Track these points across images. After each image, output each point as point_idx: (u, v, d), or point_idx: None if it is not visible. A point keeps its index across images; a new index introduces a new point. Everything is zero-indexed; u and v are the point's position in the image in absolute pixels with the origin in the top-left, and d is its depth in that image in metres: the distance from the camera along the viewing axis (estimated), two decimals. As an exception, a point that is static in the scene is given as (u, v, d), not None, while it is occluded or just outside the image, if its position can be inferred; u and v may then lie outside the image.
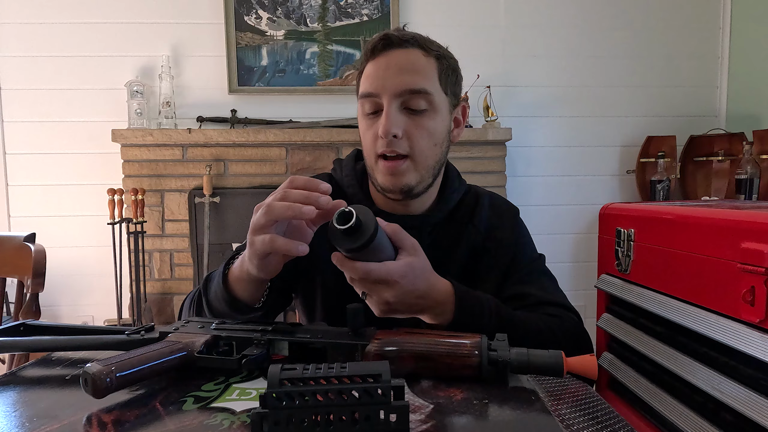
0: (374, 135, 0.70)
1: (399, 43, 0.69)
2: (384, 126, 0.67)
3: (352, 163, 0.81)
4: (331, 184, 0.79)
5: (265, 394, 0.36)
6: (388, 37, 0.70)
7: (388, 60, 0.69)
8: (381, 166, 0.70)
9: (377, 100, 0.69)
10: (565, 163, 2.37)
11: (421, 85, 0.68)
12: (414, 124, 0.69)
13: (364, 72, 0.72)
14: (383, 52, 0.70)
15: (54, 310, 2.20)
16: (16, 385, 0.50)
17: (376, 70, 0.69)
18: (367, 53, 0.71)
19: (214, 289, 0.63)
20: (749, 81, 2.26)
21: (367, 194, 0.78)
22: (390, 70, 0.68)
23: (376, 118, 0.70)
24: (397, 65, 0.68)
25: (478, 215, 0.80)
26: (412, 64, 0.69)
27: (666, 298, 1.06)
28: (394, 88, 0.68)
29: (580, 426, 0.40)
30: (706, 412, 0.93)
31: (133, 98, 2.08)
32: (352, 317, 0.52)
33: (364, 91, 0.71)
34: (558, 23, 2.30)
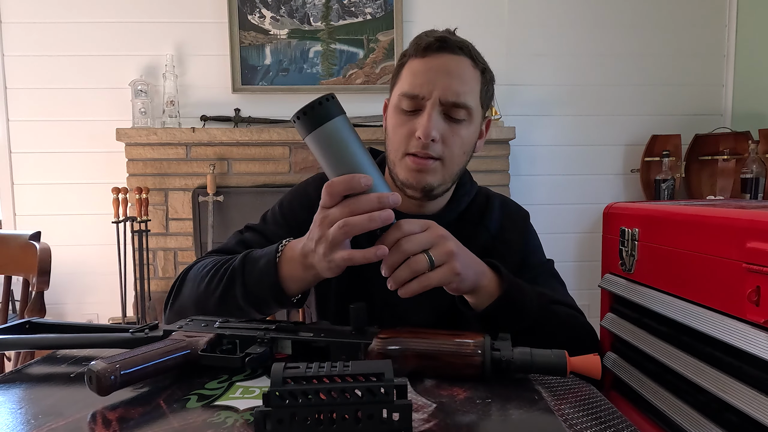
0: (408, 132, 0.69)
1: (453, 48, 0.69)
2: (425, 128, 0.66)
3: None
4: None
5: (268, 393, 0.36)
6: (445, 40, 0.69)
7: (439, 63, 0.68)
8: (409, 162, 0.70)
9: (421, 101, 0.68)
10: (569, 162, 2.36)
11: (465, 99, 0.69)
12: (451, 130, 0.69)
13: (410, 67, 0.70)
14: (436, 53, 0.68)
15: (59, 308, 2.22)
16: (22, 382, 0.50)
17: (427, 71, 0.68)
18: (417, 49, 0.70)
19: (258, 275, 0.61)
20: (755, 79, 2.25)
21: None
22: (441, 75, 0.68)
23: (413, 116, 0.69)
24: (447, 71, 0.68)
25: (488, 216, 0.80)
26: (462, 73, 0.69)
27: (670, 297, 1.05)
28: (442, 95, 0.67)
29: (583, 426, 0.40)
30: (710, 413, 0.93)
31: (138, 97, 2.09)
32: (355, 316, 0.52)
33: (408, 91, 0.69)
34: (562, 22, 2.29)
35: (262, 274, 0.61)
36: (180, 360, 0.49)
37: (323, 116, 0.51)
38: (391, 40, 2.21)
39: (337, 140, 0.52)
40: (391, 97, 0.76)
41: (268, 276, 0.60)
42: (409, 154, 0.70)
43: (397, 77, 0.73)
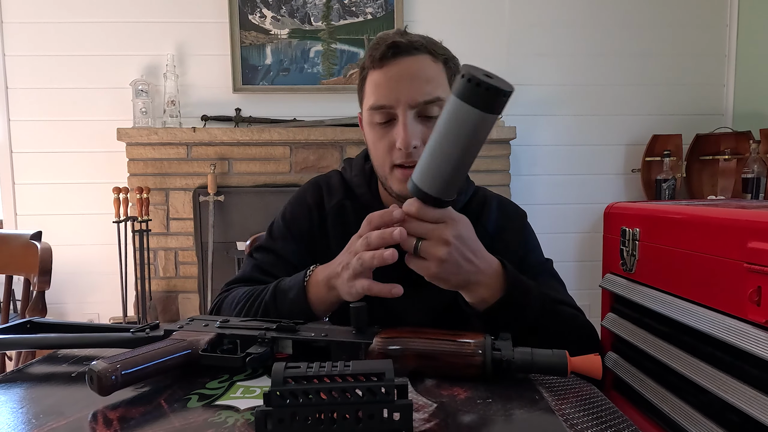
0: (389, 145, 0.68)
1: (408, 50, 0.67)
2: (404, 139, 0.66)
3: (362, 163, 0.81)
4: (341, 185, 0.79)
5: (269, 392, 0.36)
6: (397, 45, 0.67)
7: (398, 69, 0.67)
8: (398, 175, 0.69)
9: (390, 111, 0.67)
10: (569, 162, 2.36)
11: (435, 94, 0.67)
12: (429, 131, 0.68)
13: (372, 80, 0.69)
14: (392, 60, 0.67)
15: (60, 308, 2.22)
16: (23, 382, 0.51)
17: (387, 81, 0.67)
18: (374, 60, 0.68)
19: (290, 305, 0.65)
20: (756, 79, 2.24)
21: (375, 195, 0.79)
22: (403, 81, 0.66)
23: (389, 127, 0.68)
24: (409, 75, 0.67)
25: (486, 216, 0.79)
26: (424, 72, 0.67)
27: (671, 297, 1.05)
28: (410, 100, 0.66)
29: (584, 426, 0.40)
30: (711, 413, 0.92)
31: (138, 97, 2.09)
32: (356, 315, 0.52)
33: (375, 104, 0.68)
34: (563, 21, 2.29)
35: (293, 304, 0.65)
36: (181, 360, 0.49)
37: (495, 107, 0.48)
38: (391, 40, 2.21)
39: (479, 134, 0.50)
40: (362, 111, 0.74)
41: (299, 305, 0.64)
42: (396, 165, 0.69)
43: (362, 92, 0.72)
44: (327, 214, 0.79)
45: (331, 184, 0.81)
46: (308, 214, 0.80)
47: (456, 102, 0.49)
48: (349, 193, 0.80)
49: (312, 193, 0.81)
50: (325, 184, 0.81)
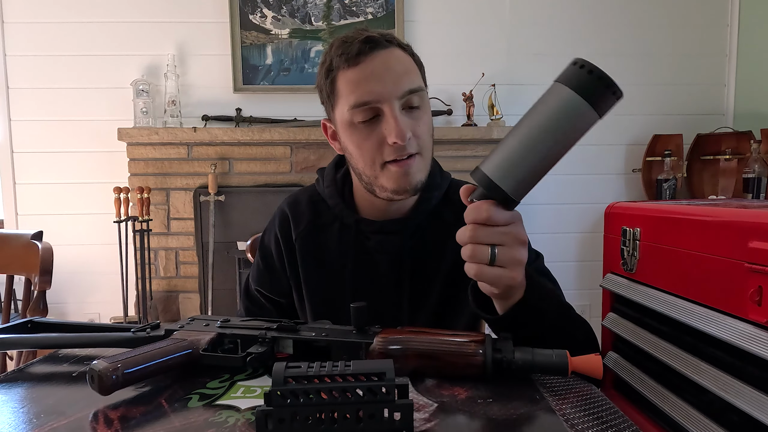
0: (377, 143, 0.66)
1: (382, 44, 0.66)
2: (397, 132, 0.64)
3: (333, 173, 0.79)
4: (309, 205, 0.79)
5: (269, 392, 0.36)
6: (372, 40, 0.65)
7: (376, 63, 0.65)
8: (393, 170, 0.67)
9: (376, 106, 0.65)
10: (570, 162, 2.35)
11: (416, 83, 0.67)
12: (415, 121, 0.67)
13: (346, 79, 0.66)
14: (369, 56, 0.65)
15: (61, 308, 2.22)
16: (24, 381, 0.51)
17: (368, 76, 0.65)
18: (348, 59, 0.65)
19: None
20: (757, 79, 2.24)
21: (349, 203, 0.77)
22: (385, 74, 0.65)
23: (373, 124, 0.66)
24: (388, 68, 0.65)
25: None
26: (402, 63, 0.67)
27: (672, 297, 1.05)
28: (397, 91, 0.65)
29: (585, 426, 0.40)
30: (712, 413, 0.92)
31: (139, 97, 2.09)
32: (356, 315, 0.52)
33: (358, 101, 0.65)
34: (563, 21, 2.29)
35: None
36: (181, 359, 0.49)
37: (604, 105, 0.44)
38: (392, 40, 2.21)
39: (578, 131, 0.45)
40: (333, 117, 0.71)
41: None
42: (388, 162, 0.67)
43: (334, 94, 0.68)
44: (295, 241, 0.78)
45: (299, 209, 0.80)
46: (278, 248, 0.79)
47: (562, 90, 0.43)
48: (318, 211, 0.79)
49: (280, 224, 0.80)
50: (292, 211, 0.80)
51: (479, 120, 2.20)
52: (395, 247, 0.74)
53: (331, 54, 0.68)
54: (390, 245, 0.74)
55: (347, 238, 0.76)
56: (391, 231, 0.74)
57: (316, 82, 0.73)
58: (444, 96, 2.21)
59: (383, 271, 0.75)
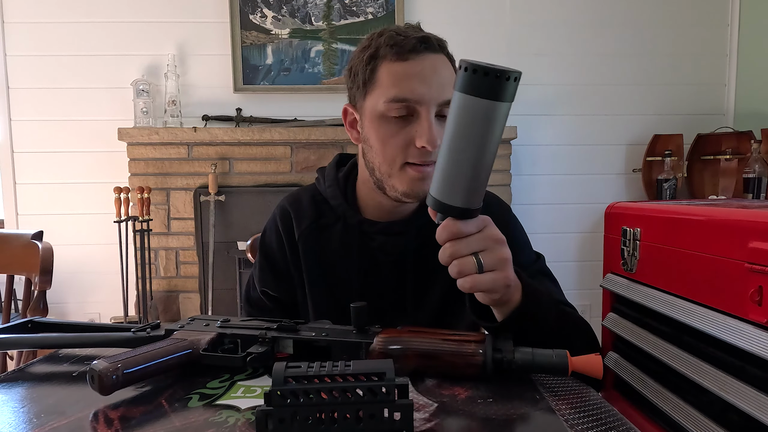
0: (405, 142, 0.66)
1: (435, 48, 0.66)
2: (429, 137, 0.63)
3: (334, 173, 0.79)
4: (311, 204, 0.78)
5: (269, 392, 0.36)
6: (427, 40, 0.65)
7: (425, 65, 0.65)
8: (411, 172, 0.66)
9: (414, 106, 0.64)
10: (570, 162, 2.35)
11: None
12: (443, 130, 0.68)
13: (391, 71, 0.65)
14: (421, 55, 0.65)
15: (61, 308, 2.22)
16: (24, 381, 0.51)
17: (416, 75, 0.64)
18: (401, 51, 0.64)
19: None
20: (758, 79, 2.24)
21: (352, 203, 0.77)
22: (435, 78, 0.65)
23: (405, 123, 0.65)
24: (437, 72, 0.65)
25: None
26: (445, 72, 0.67)
27: (672, 297, 1.05)
28: (439, 98, 0.65)
29: (585, 426, 0.40)
30: (712, 413, 0.92)
31: (139, 97, 2.09)
32: (356, 315, 0.52)
33: (399, 96, 0.64)
34: (563, 21, 2.29)
35: None
36: (182, 359, 0.49)
37: (504, 94, 0.44)
38: (392, 40, 2.21)
39: (493, 126, 0.46)
40: (362, 104, 0.69)
41: None
42: (408, 163, 0.67)
43: (372, 82, 0.67)
44: (298, 240, 0.77)
45: (300, 206, 0.79)
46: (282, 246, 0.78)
47: (461, 97, 0.45)
48: (321, 210, 0.78)
49: (283, 222, 0.78)
50: (294, 209, 0.78)
51: (479, 120, 2.20)
52: (399, 248, 0.74)
53: (379, 42, 0.66)
54: (394, 246, 0.74)
55: (351, 238, 0.75)
56: (395, 232, 0.74)
57: (350, 64, 0.71)
58: (444, 96, 2.21)
59: (387, 271, 0.75)
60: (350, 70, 0.71)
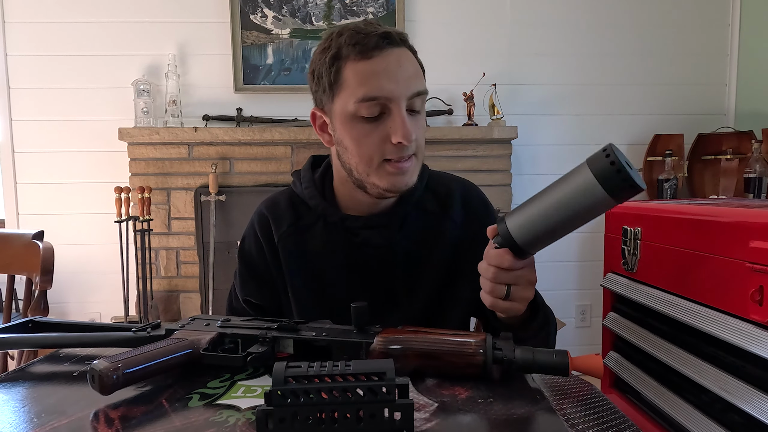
0: (381, 139, 0.66)
1: (397, 42, 0.65)
2: (404, 132, 0.64)
3: (310, 174, 0.79)
4: (289, 206, 0.78)
5: (270, 392, 0.36)
6: (389, 36, 0.64)
7: (390, 60, 0.64)
8: (390, 168, 0.67)
9: (384, 103, 0.64)
10: (571, 162, 2.32)
11: (423, 86, 0.68)
12: (415, 123, 0.67)
13: (356, 71, 0.64)
14: (385, 50, 0.64)
15: (62, 307, 2.22)
16: (25, 381, 0.51)
17: (383, 72, 0.64)
18: (363, 50, 0.64)
19: None
20: (758, 78, 2.24)
21: (331, 201, 0.77)
22: (401, 72, 0.64)
23: (377, 121, 0.65)
24: (403, 66, 0.65)
25: (452, 208, 0.78)
26: (412, 65, 0.67)
27: (673, 297, 1.05)
28: (407, 91, 0.65)
29: (586, 426, 0.40)
30: (713, 413, 0.92)
31: (140, 97, 2.09)
32: (357, 315, 0.52)
33: (368, 95, 0.64)
34: (564, 21, 2.29)
35: None
36: (182, 359, 0.49)
37: (622, 196, 0.49)
38: (393, 40, 2.21)
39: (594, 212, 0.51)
40: (331, 107, 0.69)
41: None
42: (386, 160, 0.67)
43: (339, 83, 0.66)
44: (278, 243, 0.76)
45: (278, 210, 0.78)
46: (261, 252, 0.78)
47: (589, 177, 0.49)
48: (299, 212, 0.78)
49: (261, 226, 0.78)
50: (272, 212, 0.78)
51: (480, 120, 2.20)
52: (385, 241, 0.74)
53: (339, 42, 0.66)
54: (379, 239, 0.74)
55: (334, 236, 0.75)
56: (379, 225, 0.74)
57: (312, 68, 0.71)
58: (445, 96, 2.21)
59: (375, 265, 0.75)
60: (313, 73, 0.71)
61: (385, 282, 0.75)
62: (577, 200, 0.50)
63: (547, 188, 0.54)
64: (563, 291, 2.33)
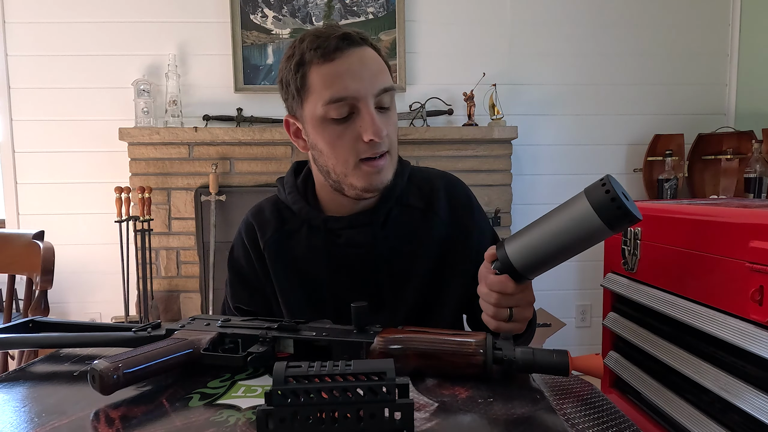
0: (353, 140, 0.66)
1: (357, 42, 0.66)
2: (375, 128, 0.64)
3: (293, 179, 0.80)
4: (273, 213, 0.78)
5: (270, 392, 0.36)
6: (349, 37, 0.65)
7: (353, 61, 0.65)
8: (366, 168, 0.68)
9: (352, 103, 0.65)
10: (571, 162, 2.35)
11: (389, 82, 0.68)
12: (386, 119, 0.68)
13: (320, 74, 0.65)
14: (344, 52, 0.65)
15: (62, 307, 2.22)
16: (25, 381, 0.51)
17: (346, 73, 0.64)
18: (325, 53, 0.64)
19: None
20: (759, 79, 2.24)
21: (314, 205, 0.77)
22: (361, 71, 0.65)
23: (348, 122, 0.66)
24: (366, 65, 0.66)
25: (437, 204, 0.78)
26: (375, 62, 0.67)
27: (673, 297, 1.05)
28: (373, 89, 0.65)
29: (586, 425, 0.40)
30: (713, 413, 0.92)
31: (140, 97, 2.09)
32: (357, 315, 0.52)
33: (335, 96, 0.64)
34: (564, 21, 2.29)
35: None
36: (182, 359, 0.49)
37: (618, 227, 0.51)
38: (393, 40, 2.21)
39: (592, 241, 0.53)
40: (302, 113, 0.70)
41: None
42: (361, 160, 0.67)
43: (305, 89, 0.67)
44: (264, 250, 0.77)
45: (263, 217, 0.79)
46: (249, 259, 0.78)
47: (587, 207, 0.51)
48: (284, 217, 0.78)
49: (247, 234, 0.79)
50: (257, 220, 0.79)
51: (480, 120, 2.20)
52: (367, 239, 0.74)
53: (302, 48, 0.67)
54: (362, 238, 0.74)
55: (317, 239, 0.75)
56: (361, 224, 0.74)
57: (280, 77, 0.72)
58: (445, 96, 2.21)
59: (358, 264, 0.75)
60: (281, 82, 0.72)
61: (370, 281, 0.75)
62: (575, 230, 0.52)
63: (546, 216, 0.56)
64: (563, 291, 2.33)
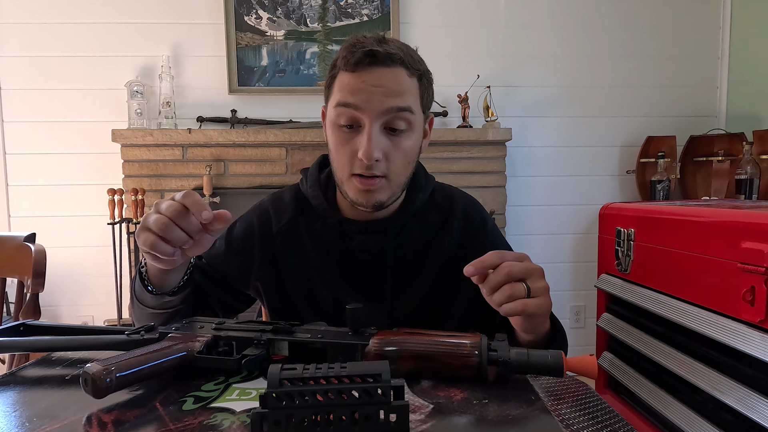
0: (351, 152, 0.66)
1: (384, 61, 0.64)
2: (366, 150, 0.64)
3: (317, 173, 0.79)
4: (293, 201, 0.79)
5: (265, 394, 0.36)
6: (374, 54, 0.64)
7: (372, 78, 0.64)
8: (356, 183, 0.67)
9: (356, 114, 0.65)
10: (565, 163, 2.37)
11: (406, 103, 0.66)
12: (393, 145, 0.67)
13: (341, 80, 0.66)
14: (367, 68, 0.64)
15: (54, 310, 2.20)
16: (16, 385, 0.50)
17: (359, 85, 0.64)
18: (348, 63, 0.65)
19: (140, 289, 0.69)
20: (749, 81, 2.26)
21: (332, 203, 0.77)
22: (375, 90, 0.64)
23: (353, 132, 0.66)
24: (382, 86, 0.64)
25: (452, 224, 0.77)
26: (398, 85, 0.65)
27: (666, 297, 1.06)
28: (379, 109, 0.64)
29: (581, 426, 0.40)
30: (706, 412, 0.93)
31: (133, 98, 2.08)
32: (352, 317, 0.52)
33: (342, 100, 0.65)
34: (558, 23, 2.30)
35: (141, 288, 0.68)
36: (176, 362, 0.49)
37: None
38: (387, 42, 2.21)
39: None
40: (327, 109, 0.72)
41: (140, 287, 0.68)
42: (354, 174, 0.67)
43: (330, 90, 0.69)
44: (275, 236, 0.77)
45: (282, 203, 0.80)
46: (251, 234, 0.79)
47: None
48: (302, 208, 0.78)
49: (259, 219, 0.79)
50: (275, 207, 0.79)
51: (474, 121, 2.21)
52: (378, 247, 0.74)
53: (340, 52, 0.68)
54: (373, 245, 0.74)
55: (330, 237, 0.75)
56: (375, 231, 0.74)
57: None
58: (439, 98, 2.21)
59: (365, 270, 0.75)
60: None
61: (373, 288, 0.75)
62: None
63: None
64: (557, 292, 2.34)
